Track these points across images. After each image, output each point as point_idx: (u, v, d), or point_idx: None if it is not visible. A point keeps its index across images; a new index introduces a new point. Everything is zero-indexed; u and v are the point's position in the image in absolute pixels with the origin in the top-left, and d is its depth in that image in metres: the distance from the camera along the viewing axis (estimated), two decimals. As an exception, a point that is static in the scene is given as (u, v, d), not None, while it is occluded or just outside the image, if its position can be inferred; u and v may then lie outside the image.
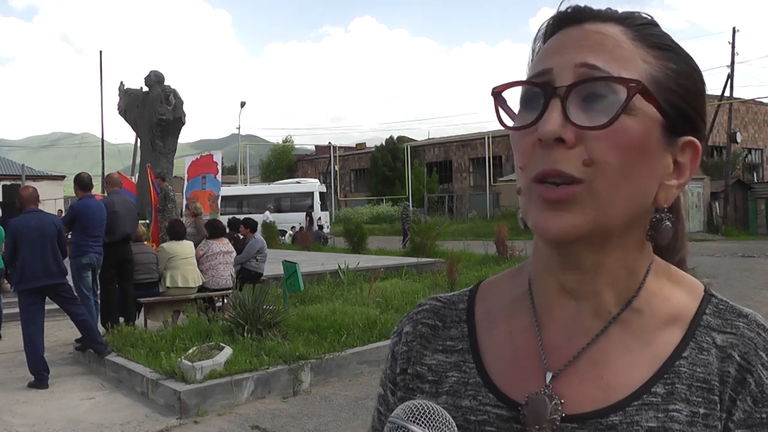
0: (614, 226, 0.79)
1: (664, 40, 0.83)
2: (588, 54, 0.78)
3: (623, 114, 0.75)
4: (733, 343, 0.80)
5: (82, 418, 6.35)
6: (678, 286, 0.87)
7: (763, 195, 36.71)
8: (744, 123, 45.59)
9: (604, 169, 0.76)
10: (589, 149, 0.75)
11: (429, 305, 1.00)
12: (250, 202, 35.38)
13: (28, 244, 7.33)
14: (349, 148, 65.51)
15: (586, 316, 0.84)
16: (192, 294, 9.70)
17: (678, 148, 0.82)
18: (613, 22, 0.82)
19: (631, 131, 0.76)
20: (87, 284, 8.57)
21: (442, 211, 45.30)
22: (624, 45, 0.80)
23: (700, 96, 0.84)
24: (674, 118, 0.80)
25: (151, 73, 24.17)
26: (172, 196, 14.41)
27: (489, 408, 0.86)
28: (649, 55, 0.80)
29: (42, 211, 7.81)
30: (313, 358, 7.38)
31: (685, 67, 0.83)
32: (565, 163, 0.76)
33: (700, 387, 0.78)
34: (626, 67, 0.78)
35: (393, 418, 0.78)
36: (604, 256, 0.82)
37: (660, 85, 0.79)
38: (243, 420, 6.21)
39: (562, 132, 0.75)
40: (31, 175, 43.01)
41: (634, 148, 0.77)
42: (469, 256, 15.88)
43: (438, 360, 0.94)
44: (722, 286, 13.82)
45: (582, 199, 0.76)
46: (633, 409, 0.78)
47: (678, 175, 0.83)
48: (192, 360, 6.79)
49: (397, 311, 9.73)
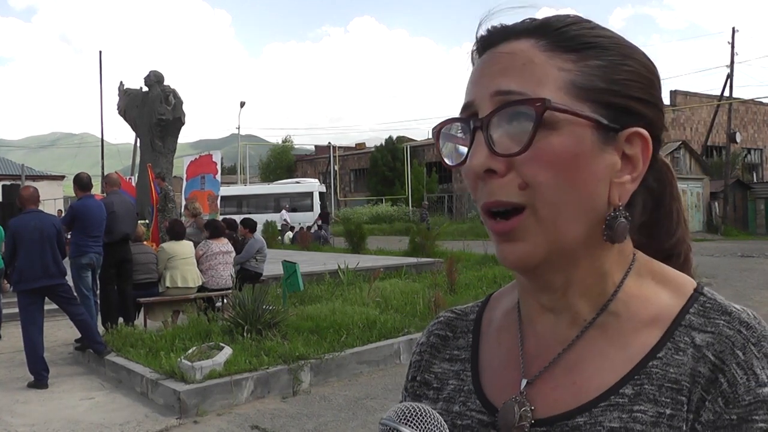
0: (571, 241, 0.79)
1: (583, 38, 0.80)
2: (500, 80, 0.78)
3: (547, 131, 0.75)
4: (710, 342, 0.77)
5: (82, 418, 6.34)
6: (662, 286, 0.85)
7: (763, 195, 36.72)
8: (743, 123, 45.59)
9: (539, 191, 0.76)
10: (521, 174, 0.76)
11: (444, 317, 1.05)
12: (249, 202, 35.36)
13: (28, 244, 7.33)
14: (349, 148, 65.48)
15: (564, 326, 0.85)
16: (191, 294, 9.70)
17: (622, 142, 0.80)
18: (525, 36, 0.80)
19: (556, 147, 0.76)
20: (87, 284, 8.57)
21: (442, 211, 45.29)
22: (535, 59, 0.78)
23: (640, 82, 0.81)
24: (609, 116, 0.78)
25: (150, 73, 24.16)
26: (172, 196, 14.41)
27: (474, 413, 0.89)
28: (566, 61, 0.79)
29: (42, 212, 7.81)
30: (313, 358, 7.38)
31: (614, 58, 0.80)
32: (501, 191, 0.77)
33: (670, 388, 0.76)
34: (540, 83, 0.77)
35: (385, 420, 0.79)
36: (572, 270, 0.82)
37: (582, 88, 0.78)
38: (242, 420, 6.21)
39: (490, 163, 0.77)
40: (30, 175, 43.00)
41: (564, 161, 0.76)
42: (468, 256, 15.88)
43: (443, 368, 0.99)
44: (721, 286, 13.83)
45: (529, 226, 0.77)
46: (599, 410, 0.78)
47: (631, 169, 0.81)
48: (191, 360, 6.79)
49: (396, 311, 9.74)
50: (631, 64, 0.81)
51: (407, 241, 19.84)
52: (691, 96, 41.99)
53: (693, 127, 42.76)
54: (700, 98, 42.25)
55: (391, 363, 8.08)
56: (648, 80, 0.82)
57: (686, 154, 35.53)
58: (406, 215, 42.37)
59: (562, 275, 0.82)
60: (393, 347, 8.23)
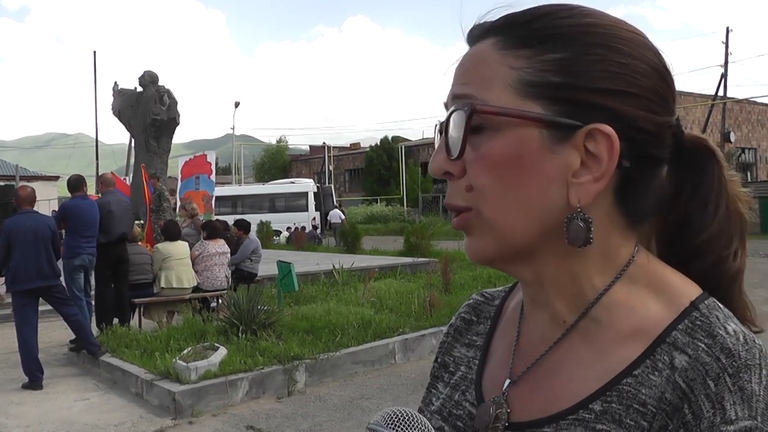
0: (522, 241, 0.77)
1: (543, 32, 0.76)
2: (458, 83, 0.80)
3: (490, 133, 0.75)
4: (685, 367, 0.70)
5: (77, 419, 6.33)
6: (656, 295, 0.78)
7: (757, 194, 36.81)
8: (738, 122, 45.75)
9: (482, 193, 0.76)
10: (469, 177, 0.77)
11: (473, 300, 1.05)
12: (244, 203, 35.32)
13: (22, 245, 7.29)
14: (344, 148, 65.53)
15: (548, 325, 0.83)
16: (186, 295, 9.69)
17: (580, 139, 0.74)
18: (491, 35, 0.79)
19: (495, 150, 0.75)
20: (78, 286, 8.54)
21: (437, 211, 45.32)
22: (489, 59, 0.77)
23: (609, 72, 0.74)
24: (565, 112, 0.74)
25: (145, 73, 24.14)
26: (166, 196, 14.40)
27: (467, 405, 0.90)
28: (518, 57, 0.75)
29: (37, 212, 7.76)
30: (308, 358, 7.38)
31: (577, 48, 0.75)
32: (453, 194, 0.80)
33: (637, 410, 0.72)
34: (488, 84, 0.76)
35: (372, 425, 0.78)
36: (539, 267, 0.80)
37: (533, 85, 0.74)
38: (238, 420, 6.20)
39: (446, 167, 0.79)
40: (24, 175, 42.84)
41: (504, 164, 0.75)
42: (463, 256, 15.81)
43: (461, 353, 0.99)
44: (716, 285, 13.85)
45: (475, 225, 0.79)
46: (566, 422, 0.76)
47: (594, 168, 0.74)
48: (186, 360, 6.78)
49: (391, 311, 9.73)
50: (601, 53, 0.74)
51: (402, 241, 19.83)
52: (685, 95, 42.06)
53: (687, 126, 42.15)
54: (695, 98, 42.35)
55: (386, 363, 8.08)
56: (626, 67, 0.75)
57: (680, 153, 35.55)
58: (401, 215, 42.36)
59: (529, 270, 0.80)
60: (388, 347, 8.23)
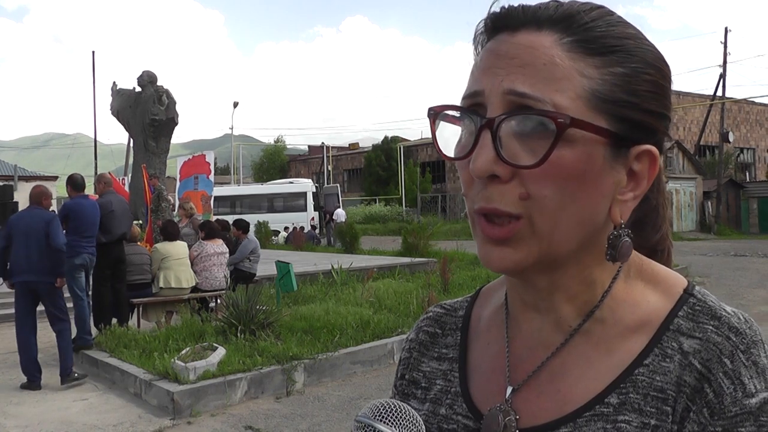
0: (563, 253, 0.76)
1: (609, 40, 0.74)
2: (517, 77, 0.72)
3: (561, 143, 0.70)
4: (697, 349, 0.73)
5: (75, 419, 6.33)
6: (653, 288, 0.81)
7: (755, 194, 36.90)
8: (736, 123, 45.78)
9: (541, 203, 0.72)
10: (525, 183, 0.72)
11: (432, 313, 1.01)
12: (243, 203, 35.31)
13: (17, 238, 7.37)
14: (342, 148, 65.51)
15: (548, 330, 0.83)
16: (185, 295, 9.69)
17: (631, 159, 0.76)
18: (549, 28, 0.74)
19: (567, 162, 0.71)
20: (80, 285, 8.52)
21: (435, 211, 45.32)
22: (558, 60, 0.72)
23: (658, 94, 0.76)
24: (624, 131, 0.74)
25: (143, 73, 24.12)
26: (165, 196, 14.40)
27: (460, 418, 0.87)
28: (589, 65, 0.73)
29: (38, 209, 7.73)
30: (306, 358, 7.38)
31: (637, 66, 0.75)
32: (501, 200, 0.73)
33: (656, 397, 0.73)
34: (560, 89, 0.72)
35: (360, 417, 0.78)
36: (558, 277, 0.79)
37: (603, 99, 0.73)
38: (236, 420, 6.20)
39: (494, 169, 0.72)
40: (23, 175, 42.82)
41: (572, 178, 0.72)
42: (462, 256, 15.88)
43: (432, 367, 0.96)
44: (714, 285, 13.87)
45: (524, 236, 0.74)
46: (583, 420, 0.76)
47: (634, 187, 0.77)
48: (185, 360, 6.78)
49: (390, 311, 9.74)
50: (652, 73, 0.76)
51: (401, 241, 19.84)
52: (684, 96, 42.10)
53: (686, 126, 42.89)
54: (693, 98, 42.38)
55: (385, 363, 8.09)
56: (664, 90, 0.77)
57: (679, 153, 35.62)
58: (400, 215, 42.37)
59: (547, 279, 0.79)
60: (386, 347, 8.23)
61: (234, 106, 50.96)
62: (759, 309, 10.88)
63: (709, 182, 36.82)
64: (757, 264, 18.82)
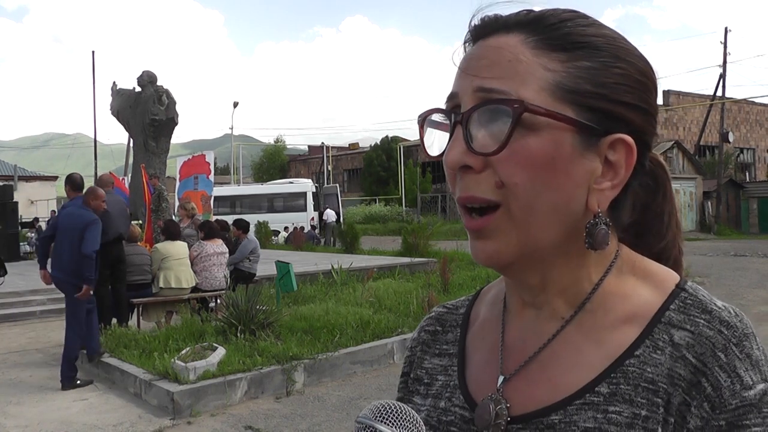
0: (544, 243, 0.78)
1: (575, 37, 0.78)
2: (484, 75, 0.77)
3: (525, 131, 0.74)
4: (690, 342, 0.75)
5: (75, 419, 6.33)
6: (643, 281, 0.83)
7: (755, 194, 36.90)
8: (736, 123, 45.78)
9: (515, 190, 0.75)
10: (498, 172, 0.76)
11: (435, 312, 1.05)
12: (243, 203, 35.31)
13: (59, 233, 7.53)
14: (342, 148, 65.51)
15: (543, 322, 0.85)
16: (185, 295, 9.69)
17: (604, 148, 0.78)
18: (517, 30, 0.78)
19: (533, 149, 0.74)
20: None
21: (435, 211, 45.32)
22: (522, 57, 0.76)
23: (633, 87, 0.79)
24: (594, 120, 0.77)
25: (143, 73, 24.12)
26: (165, 196, 14.40)
27: (457, 410, 0.89)
28: (553, 60, 0.77)
29: (84, 209, 7.57)
30: (306, 358, 7.38)
31: (605, 60, 0.78)
32: (476, 187, 0.77)
33: (647, 388, 0.75)
34: (523, 82, 0.75)
35: (361, 417, 0.79)
36: (548, 271, 0.82)
37: (568, 90, 0.76)
38: (236, 420, 6.20)
39: (466, 159, 0.76)
40: (23, 175, 42.89)
41: (540, 164, 0.75)
42: (462, 256, 15.87)
43: (433, 364, 0.98)
44: (714, 285, 13.88)
45: (502, 225, 0.77)
46: (573, 408, 0.77)
47: (612, 176, 0.79)
48: (185, 360, 6.78)
49: (390, 311, 9.75)
50: (624, 67, 0.78)
51: (401, 241, 19.84)
52: (683, 96, 42.12)
53: (686, 126, 42.88)
54: (693, 98, 42.40)
55: (385, 363, 8.09)
56: (641, 84, 0.80)
57: (679, 153, 35.64)
58: (400, 215, 42.36)
59: (538, 275, 0.82)
60: (386, 347, 8.23)
61: (234, 106, 50.96)
62: (759, 309, 10.90)
63: (709, 182, 36.83)
64: (757, 264, 18.82)
